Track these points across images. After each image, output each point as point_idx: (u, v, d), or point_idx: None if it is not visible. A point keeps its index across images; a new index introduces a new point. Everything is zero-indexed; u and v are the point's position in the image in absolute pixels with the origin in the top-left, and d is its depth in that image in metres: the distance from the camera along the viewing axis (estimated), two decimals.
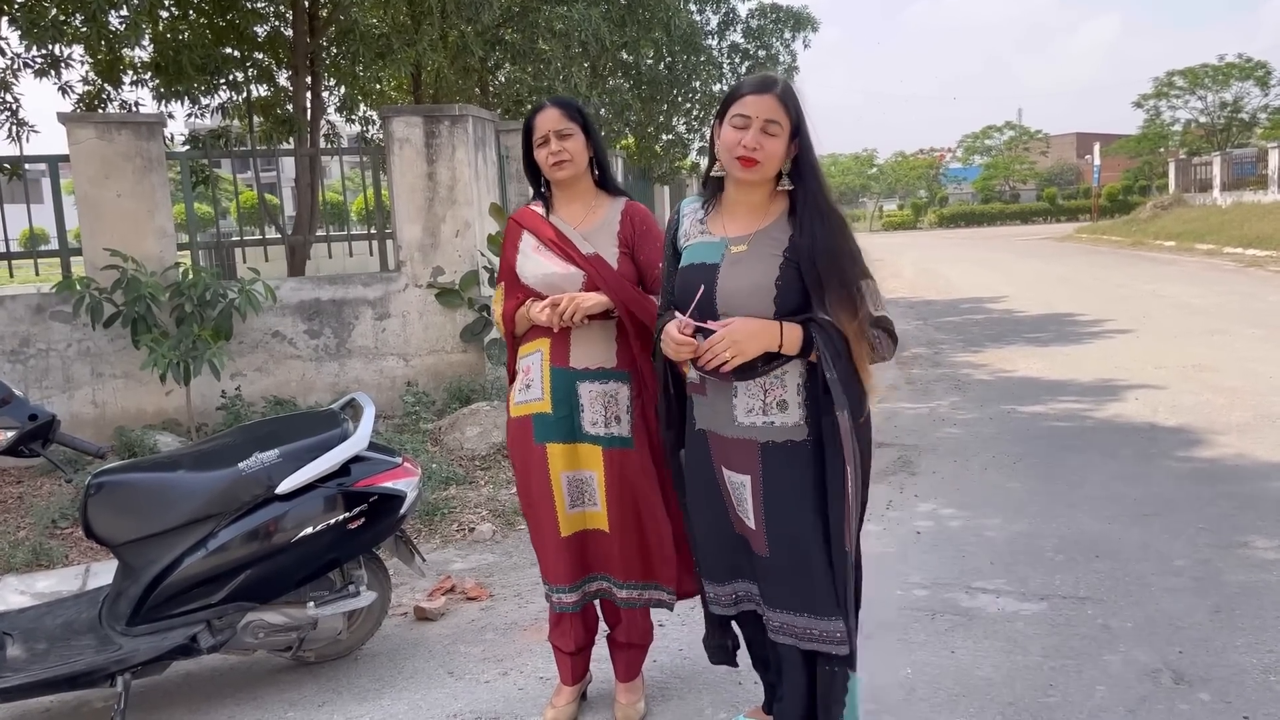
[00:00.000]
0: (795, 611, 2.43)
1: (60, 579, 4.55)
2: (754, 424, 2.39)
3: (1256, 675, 3.17)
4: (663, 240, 2.74)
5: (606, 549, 2.93)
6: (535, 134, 2.86)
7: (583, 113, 2.90)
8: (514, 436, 3.00)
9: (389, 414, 6.91)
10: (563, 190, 2.94)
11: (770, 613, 2.48)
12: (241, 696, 3.41)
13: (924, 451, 6.15)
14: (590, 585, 3.01)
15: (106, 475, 3.19)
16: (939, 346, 10.55)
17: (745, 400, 2.39)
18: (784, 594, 2.44)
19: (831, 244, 2.32)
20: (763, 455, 2.39)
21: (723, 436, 2.46)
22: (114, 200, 6.51)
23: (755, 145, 2.30)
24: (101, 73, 8.80)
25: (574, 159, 2.85)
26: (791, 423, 2.37)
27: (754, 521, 2.44)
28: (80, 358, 6.52)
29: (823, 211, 2.35)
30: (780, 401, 2.37)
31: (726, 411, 2.43)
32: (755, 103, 2.32)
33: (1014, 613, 3.74)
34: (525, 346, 2.98)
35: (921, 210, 56.86)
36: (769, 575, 2.46)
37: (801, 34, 15.76)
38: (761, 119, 2.30)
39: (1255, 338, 9.78)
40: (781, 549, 2.41)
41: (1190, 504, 4.87)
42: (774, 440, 2.38)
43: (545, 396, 2.89)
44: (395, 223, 7.24)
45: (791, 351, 2.30)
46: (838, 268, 2.31)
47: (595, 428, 2.87)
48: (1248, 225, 22.47)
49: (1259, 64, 40.64)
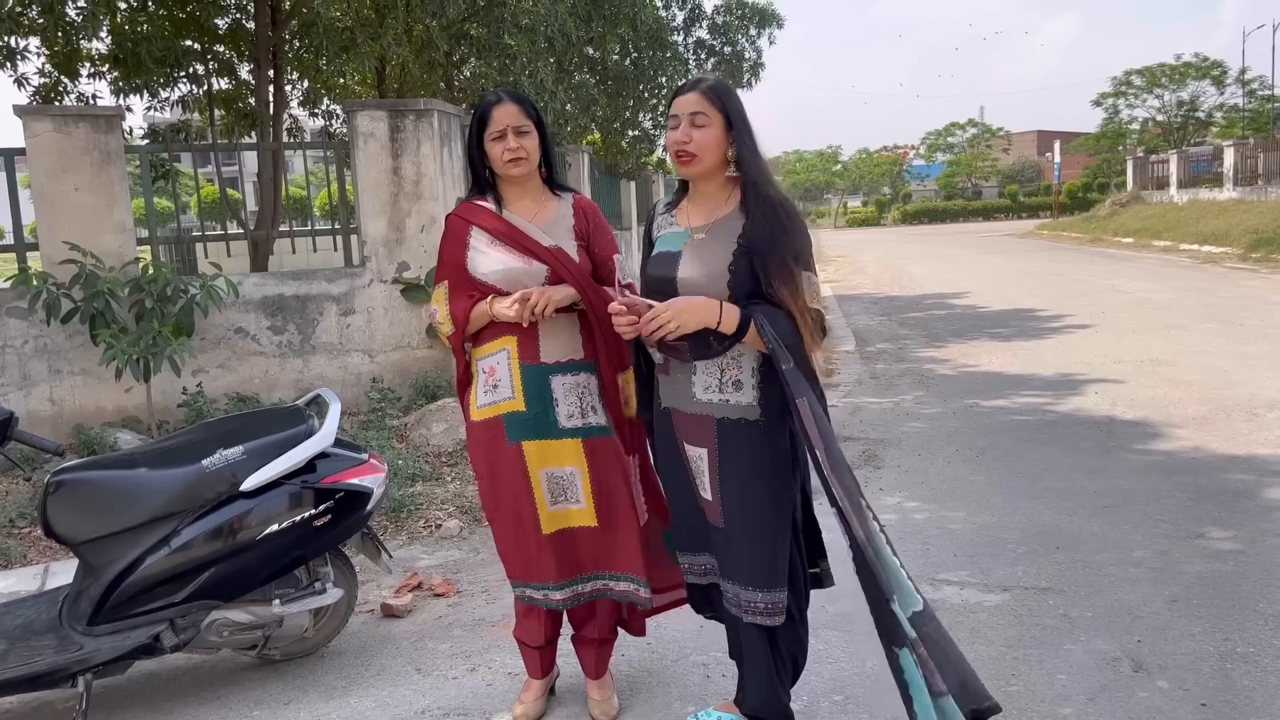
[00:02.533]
0: (742, 584, 2.56)
1: (19, 579, 4.48)
2: (710, 400, 2.55)
3: (1213, 663, 3.24)
4: (612, 234, 3.00)
5: (596, 546, 2.90)
6: (491, 126, 2.81)
7: (536, 109, 2.91)
8: (480, 439, 2.93)
9: (354, 410, 6.86)
10: (514, 186, 2.90)
11: (725, 584, 2.63)
12: (205, 696, 3.37)
13: (888, 445, 6.21)
14: (584, 585, 2.95)
15: (66, 473, 3.14)
16: (903, 341, 10.65)
17: (704, 379, 2.55)
18: (737, 565, 2.57)
19: (776, 229, 2.45)
20: (718, 430, 2.55)
21: (684, 413, 2.61)
22: (72, 194, 6.40)
23: (685, 138, 2.49)
24: (59, 65, 8.64)
25: (529, 157, 2.84)
26: (745, 402, 2.53)
27: (710, 493, 2.60)
28: (37, 354, 6.41)
29: (768, 199, 2.48)
30: (735, 381, 2.53)
31: (686, 389, 2.59)
32: (681, 102, 2.53)
33: (977, 604, 3.79)
34: (486, 347, 2.90)
35: (885, 207, 57.39)
36: (725, 545, 2.60)
37: (767, 30, 15.82)
38: (687, 113, 2.49)
39: (1210, 332, 9.97)
40: (735, 520, 2.55)
41: (1148, 496, 4.96)
42: (729, 417, 2.54)
43: (517, 394, 2.85)
44: (360, 218, 7.18)
45: (729, 330, 2.43)
46: (784, 250, 2.44)
47: (572, 420, 2.86)
48: (1203, 222, 22.90)
49: (1215, 63, 41.43)
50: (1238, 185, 26.10)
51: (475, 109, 2.90)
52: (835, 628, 3.53)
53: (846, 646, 3.40)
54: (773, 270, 2.43)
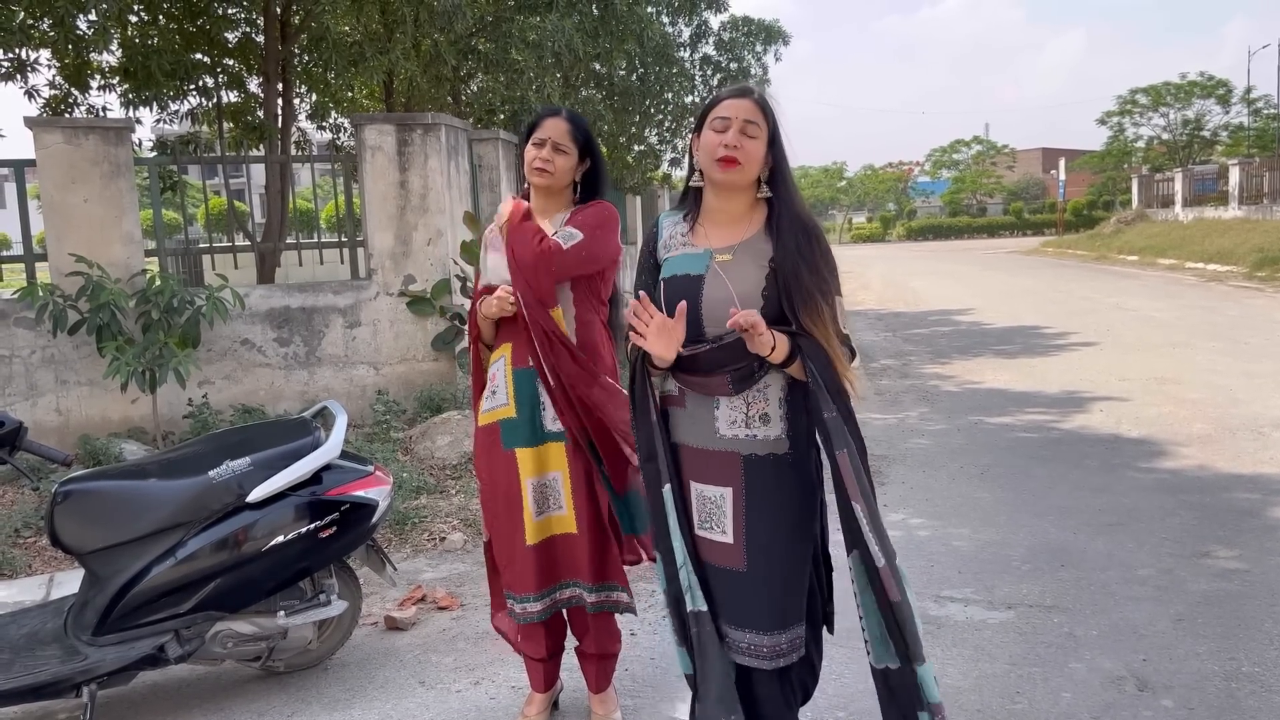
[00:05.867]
0: (761, 630, 2.38)
1: (23, 589, 4.48)
2: (737, 436, 2.37)
3: (1219, 683, 3.23)
4: (608, 240, 2.93)
5: (576, 552, 2.94)
6: (537, 132, 2.93)
7: (588, 136, 2.98)
8: (481, 445, 3.02)
9: (359, 423, 6.87)
10: (538, 194, 3.00)
11: (735, 632, 2.40)
12: (209, 707, 3.37)
13: (893, 462, 6.20)
14: (560, 593, 3.00)
15: (74, 483, 3.15)
16: (907, 358, 10.65)
17: (728, 413, 2.36)
18: (755, 610, 2.38)
19: (812, 256, 2.33)
20: (745, 468, 2.37)
21: (700, 449, 2.41)
22: (81, 206, 6.43)
23: (736, 144, 2.31)
24: (69, 77, 8.68)
25: (555, 174, 2.92)
26: (774, 436, 2.36)
27: (731, 535, 2.39)
28: (44, 365, 6.43)
29: (803, 223, 2.36)
30: (763, 415, 2.36)
31: (708, 424, 2.39)
32: (734, 105, 2.35)
33: (981, 621, 3.78)
34: (493, 354, 3.03)
35: (890, 223, 57.43)
36: (740, 590, 2.39)
37: (773, 47, 15.86)
38: (741, 119, 2.33)
39: (1216, 351, 9.96)
40: (759, 563, 2.37)
41: (1154, 514, 4.95)
42: (756, 453, 2.36)
43: (510, 400, 2.93)
44: (366, 230, 7.21)
45: (779, 360, 2.27)
46: (819, 279, 2.32)
47: (556, 423, 2.91)
48: (1209, 240, 22.89)
49: (1220, 82, 41.46)
50: (1243, 204, 26.10)
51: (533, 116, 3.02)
52: (840, 644, 3.51)
53: (850, 662, 3.39)
54: (806, 297, 2.28)
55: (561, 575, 2.98)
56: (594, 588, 2.95)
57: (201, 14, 9.14)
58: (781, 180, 2.40)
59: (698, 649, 2.40)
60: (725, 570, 2.41)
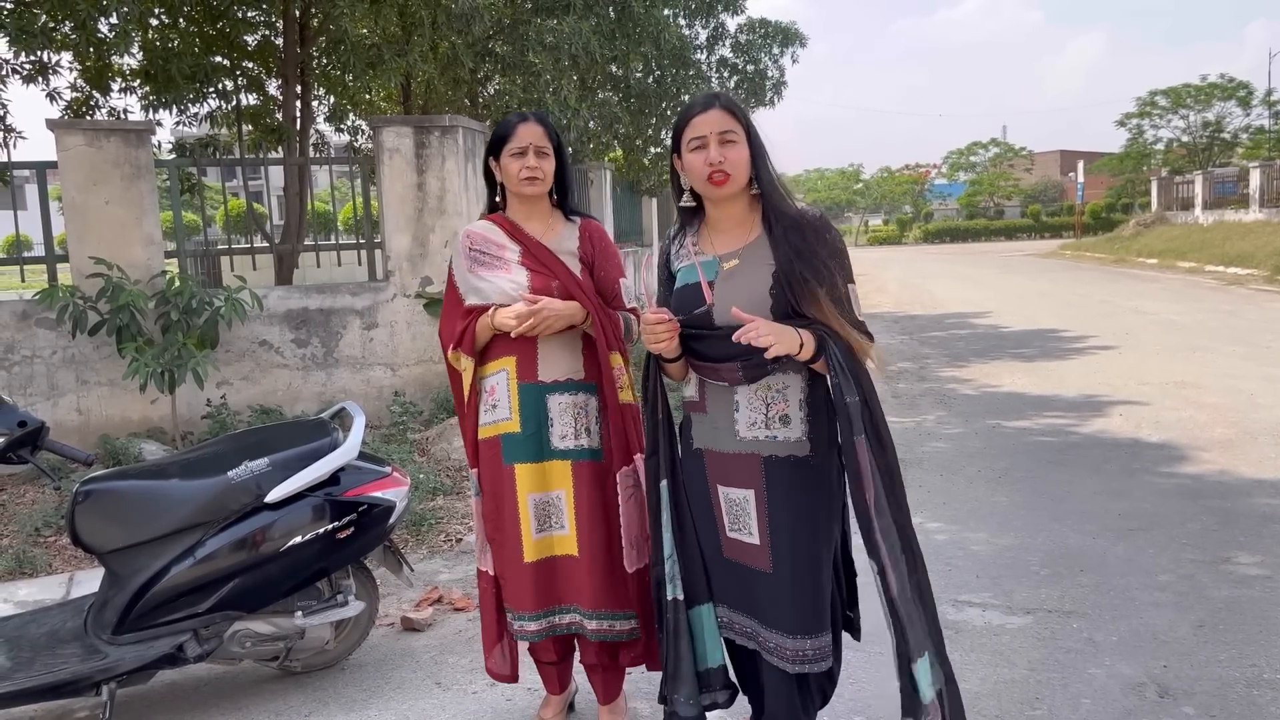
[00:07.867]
0: (788, 632, 2.39)
1: (43, 587, 4.52)
2: (756, 438, 2.38)
3: (1240, 689, 3.20)
4: (619, 258, 2.90)
5: (577, 576, 2.85)
6: (513, 142, 2.82)
7: (559, 135, 2.93)
8: (484, 458, 2.94)
9: (376, 424, 6.89)
10: (524, 205, 2.91)
11: (767, 633, 2.43)
12: (227, 706, 3.39)
13: (910, 465, 6.17)
14: (559, 617, 2.91)
15: (95, 483, 3.17)
16: (924, 361, 10.60)
17: (748, 415, 2.38)
18: (782, 612, 2.39)
19: (800, 247, 2.32)
20: (765, 469, 2.38)
21: (722, 453, 2.43)
22: (101, 207, 6.48)
23: (720, 158, 2.32)
24: (90, 80, 8.76)
25: (545, 179, 2.86)
26: (794, 437, 2.36)
27: (757, 536, 2.41)
28: (65, 365, 6.48)
29: (788, 217, 2.36)
30: (783, 416, 2.36)
31: (728, 427, 2.40)
32: (705, 120, 2.35)
33: (1000, 626, 3.76)
34: (488, 366, 2.90)
35: (907, 226, 57.23)
36: (769, 591, 2.41)
37: (790, 49, 15.82)
38: (716, 132, 2.34)
39: (1236, 355, 9.88)
40: (784, 562, 2.38)
41: (1174, 519, 4.91)
42: (777, 455, 2.37)
43: (514, 415, 2.84)
44: (384, 232, 7.24)
45: (806, 357, 2.26)
46: (811, 266, 2.31)
47: (564, 441, 2.84)
48: (1229, 244, 22.71)
49: (1241, 84, 41.10)
50: (1264, 206, 25.87)
51: (497, 126, 2.91)
52: (857, 648, 3.49)
53: (868, 666, 3.38)
54: (800, 284, 2.29)
55: (561, 598, 2.89)
56: (594, 614, 2.85)
57: (221, 17, 9.21)
58: (765, 177, 2.41)
59: (670, 637, 2.51)
60: (755, 571, 2.44)
